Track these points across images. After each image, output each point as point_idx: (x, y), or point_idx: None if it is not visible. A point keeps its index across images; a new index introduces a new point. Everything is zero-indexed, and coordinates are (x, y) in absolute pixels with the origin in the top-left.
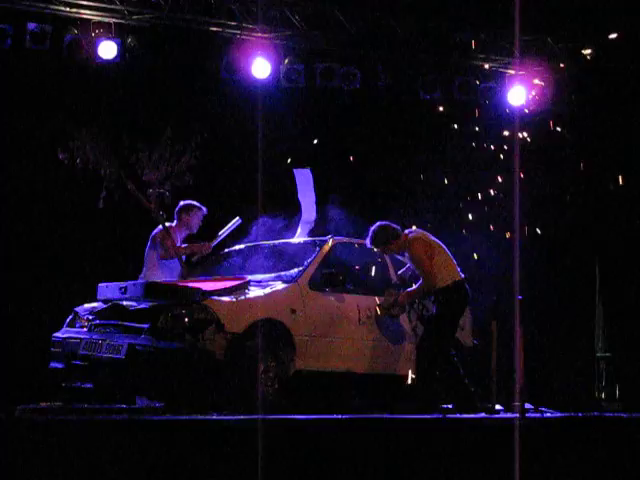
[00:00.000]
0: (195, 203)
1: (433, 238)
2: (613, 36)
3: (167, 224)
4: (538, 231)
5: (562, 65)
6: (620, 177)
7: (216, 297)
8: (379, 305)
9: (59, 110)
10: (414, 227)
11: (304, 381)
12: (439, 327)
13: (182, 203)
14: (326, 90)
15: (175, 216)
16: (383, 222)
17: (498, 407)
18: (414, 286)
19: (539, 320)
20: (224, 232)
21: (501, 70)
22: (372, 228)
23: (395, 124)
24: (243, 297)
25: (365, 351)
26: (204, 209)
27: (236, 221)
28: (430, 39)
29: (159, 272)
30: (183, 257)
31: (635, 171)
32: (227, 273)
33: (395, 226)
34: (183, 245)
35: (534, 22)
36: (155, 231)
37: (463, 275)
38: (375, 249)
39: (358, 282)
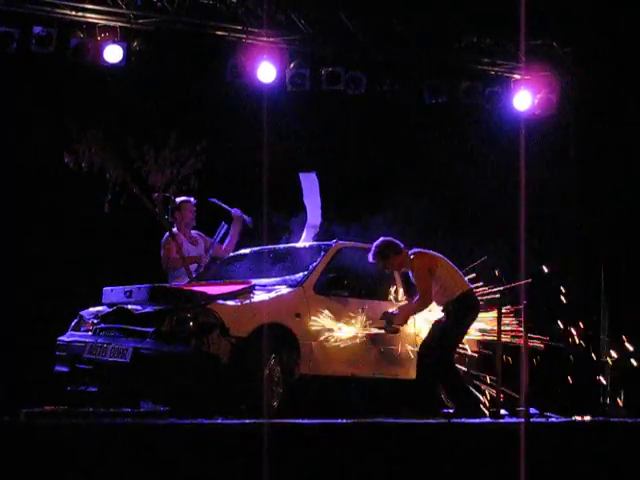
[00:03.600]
0: (183, 199)
1: (435, 253)
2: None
3: (175, 230)
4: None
5: (567, 70)
6: (626, 182)
7: (221, 301)
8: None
9: (64, 113)
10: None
11: (309, 385)
12: (445, 336)
13: (168, 206)
14: (332, 95)
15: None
16: (386, 238)
17: (503, 412)
18: (410, 304)
19: (544, 324)
20: (215, 240)
21: (507, 75)
22: (375, 243)
23: (401, 129)
24: (248, 301)
25: (369, 355)
26: (192, 200)
27: (221, 228)
28: (436, 44)
29: (183, 275)
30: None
31: None
32: (232, 277)
33: (397, 242)
34: (186, 255)
35: (540, 27)
36: (162, 240)
37: (471, 285)
38: (377, 264)
39: (363, 286)
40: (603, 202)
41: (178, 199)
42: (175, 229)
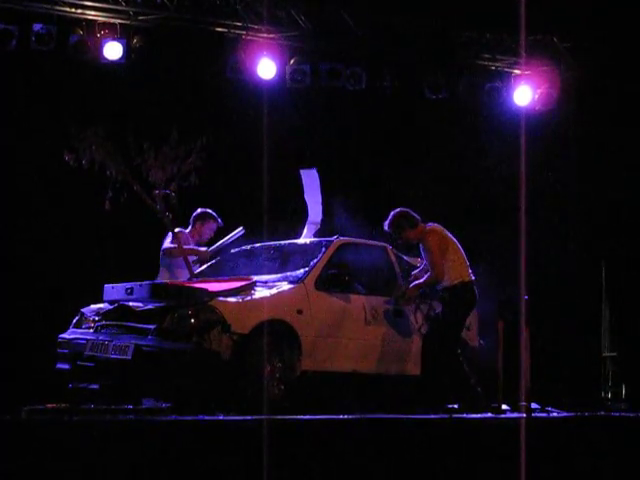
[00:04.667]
0: (211, 213)
1: (450, 235)
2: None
3: (179, 229)
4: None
5: (568, 65)
6: (626, 178)
7: (222, 298)
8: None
9: (65, 111)
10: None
11: (310, 381)
12: (444, 326)
13: (199, 211)
14: (332, 90)
15: (190, 222)
16: (404, 209)
17: (504, 407)
18: (422, 278)
19: (545, 320)
20: (225, 241)
21: (507, 70)
22: (392, 212)
23: (401, 124)
24: (249, 298)
25: (371, 351)
26: (219, 221)
27: (239, 231)
28: (436, 39)
29: (172, 274)
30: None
31: None
32: (233, 274)
33: (415, 215)
34: (186, 247)
35: (540, 22)
36: (166, 236)
37: (473, 277)
38: (391, 233)
39: (364, 282)
40: (604, 197)
41: (203, 209)
42: (187, 230)
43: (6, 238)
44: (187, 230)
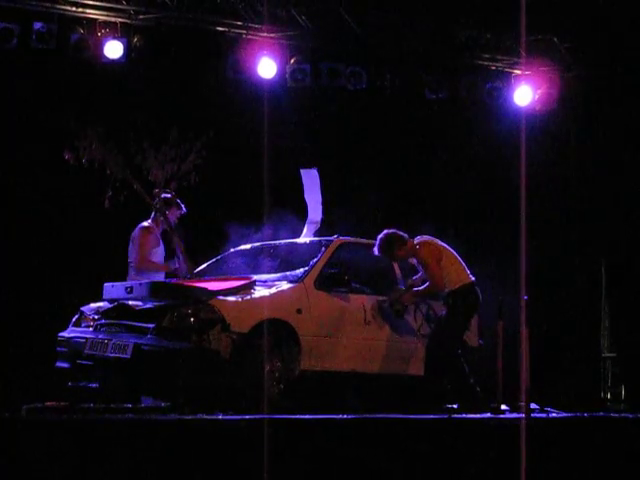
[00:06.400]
0: (175, 200)
1: (441, 243)
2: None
3: (148, 223)
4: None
5: (568, 65)
6: (626, 178)
7: (222, 297)
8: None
9: (65, 109)
10: (425, 236)
11: (309, 381)
12: (448, 329)
13: (162, 196)
14: (332, 90)
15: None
16: (390, 230)
17: (504, 407)
18: (421, 287)
19: (545, 320)
20: (178, 244)
21: (507, 70)
22: (379, 236)
23: (401, 124)
24: (249, 297)
25: (370, 351)
26: (183, 208)
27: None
28: (436, 39)
29: (146, 273)
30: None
31: None
32: (233, 273)
33: (402, 233)
34: (164, 264)
35: (540, 22)
36: (134, 233)
37: (473, 278)
38: (383, 257)
39: (364, 282)
40: (604, 196)
41: (165, 195)
42: (151, 221)
43: (6, 236)
44: (150, 222)
